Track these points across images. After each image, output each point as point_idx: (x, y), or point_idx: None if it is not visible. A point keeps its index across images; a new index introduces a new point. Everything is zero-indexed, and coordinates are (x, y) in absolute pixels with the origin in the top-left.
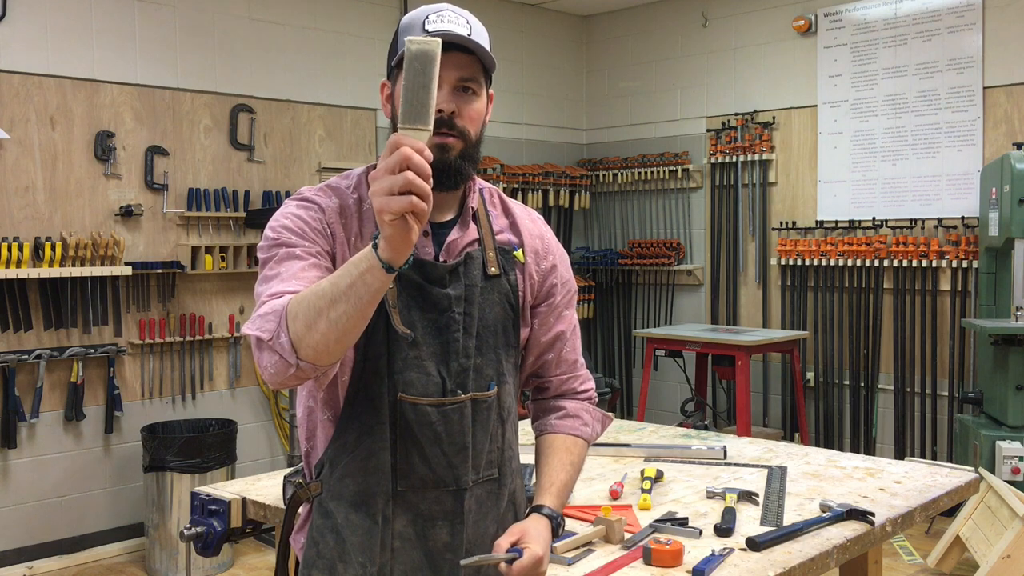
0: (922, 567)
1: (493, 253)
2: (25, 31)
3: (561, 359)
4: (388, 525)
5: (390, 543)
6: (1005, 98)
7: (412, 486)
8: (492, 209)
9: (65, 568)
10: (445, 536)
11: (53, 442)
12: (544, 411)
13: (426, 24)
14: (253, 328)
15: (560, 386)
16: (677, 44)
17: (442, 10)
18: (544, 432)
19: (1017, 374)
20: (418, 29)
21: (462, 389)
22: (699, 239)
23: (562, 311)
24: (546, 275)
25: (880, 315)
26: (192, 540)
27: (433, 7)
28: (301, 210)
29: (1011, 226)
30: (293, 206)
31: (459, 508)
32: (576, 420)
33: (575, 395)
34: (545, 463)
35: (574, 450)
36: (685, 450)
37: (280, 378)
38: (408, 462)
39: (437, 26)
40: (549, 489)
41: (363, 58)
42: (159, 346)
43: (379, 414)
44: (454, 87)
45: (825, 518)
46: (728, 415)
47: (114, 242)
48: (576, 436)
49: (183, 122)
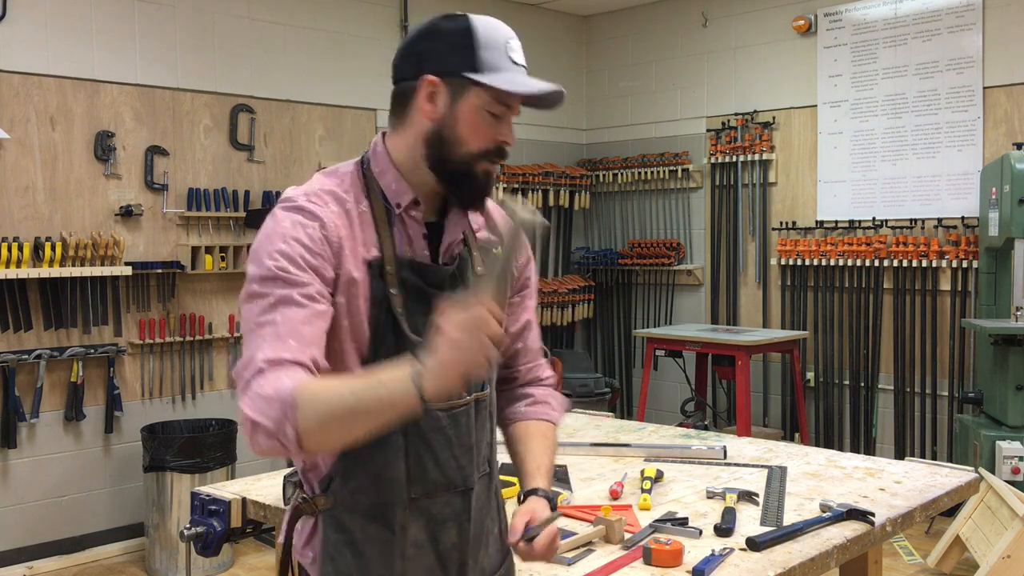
0: (922, 567)
1: (477, 252)
2: (25, 31)
3: (527, 348)
4: (404, 534)
5: (406, 552)
6: (1005, 98)
7: (426, 492)
8: None
9: (65, 568)
10: (454, 536)
11: (53, 442)
12: (512, 400)
13: (509, 52)
14: (253, 411)
15: (527, 375)
16: (677, 44)
17: (514, 38)
18: (516, 420)
19: (1017, 374)
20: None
21: (467, 391)
22: (699, 239)
23: (527, 301)
24: (521, 270)
25: (880, 315)
26: (192, 540)
27: (505, 30)
28: (299, 229)
29: (1011, 226)
30: (288, 223)
31: (467, 507)
32: (545, 406)
33: (540, 382)
34: (526, 448)
35: (549, 435)
36: (685, 450)
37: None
38: (422, 468)
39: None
40: (538, 472)
41: (363, 58)
42: (159, 346)
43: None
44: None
45: (825, 518)
46: (728, 415)
47: (114, 242)
48: (548, 421)
49: (183, 122)
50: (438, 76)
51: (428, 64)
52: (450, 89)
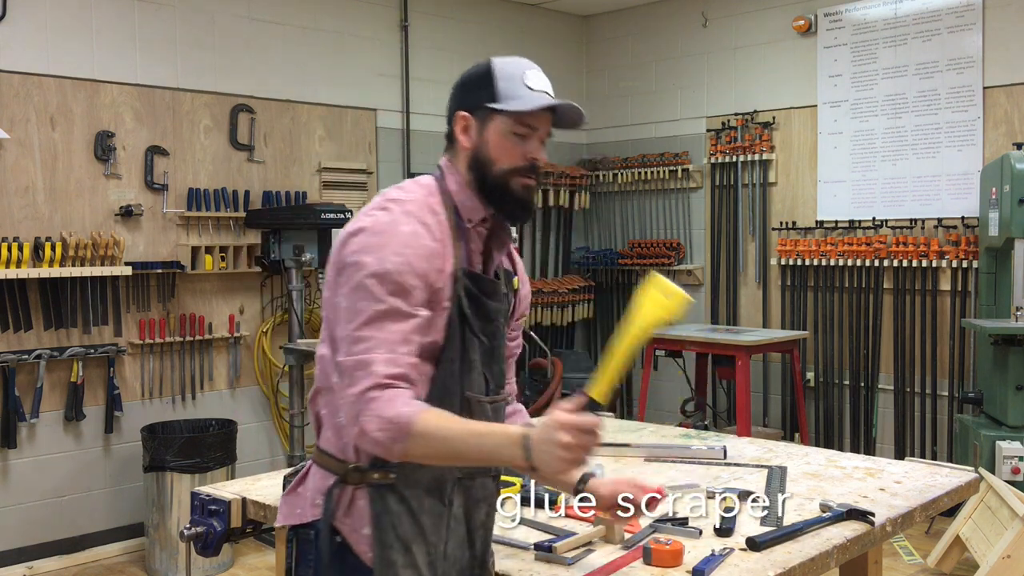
0: (922, 567)
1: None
2: (25, 31)
3: (511, 359)
4: (450, 507)
5: (451, 524)
6: (1005, 98)
7: (469, 473)
8: None
9: (65, 568)
10: (483, 515)
11: (53, 442)
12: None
13: (525, 80)
14: (374, 428)
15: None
16: (677, 44)
17: (533, 68)
18: None
19: (1017, 374)
20: (520, 83)
21: (500, 389)
22: (699, 239)
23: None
24: (523, 298)
25: (880, 315)
26: (192, 540)
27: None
28: (417, 238)
29: (1011, 226)
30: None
31: (495, 491)
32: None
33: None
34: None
35: None
36: (685, 450)
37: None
38: None
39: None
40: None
41: (363, 58)
42: (159, 346)
43: (453, 409)
44: (542, 140)
45: (825, 518)
46: (728, 415)
47: (114, 242)
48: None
49: (183, 122)
50: (467, 111)
51: (461, 103)
52: (478, 120)
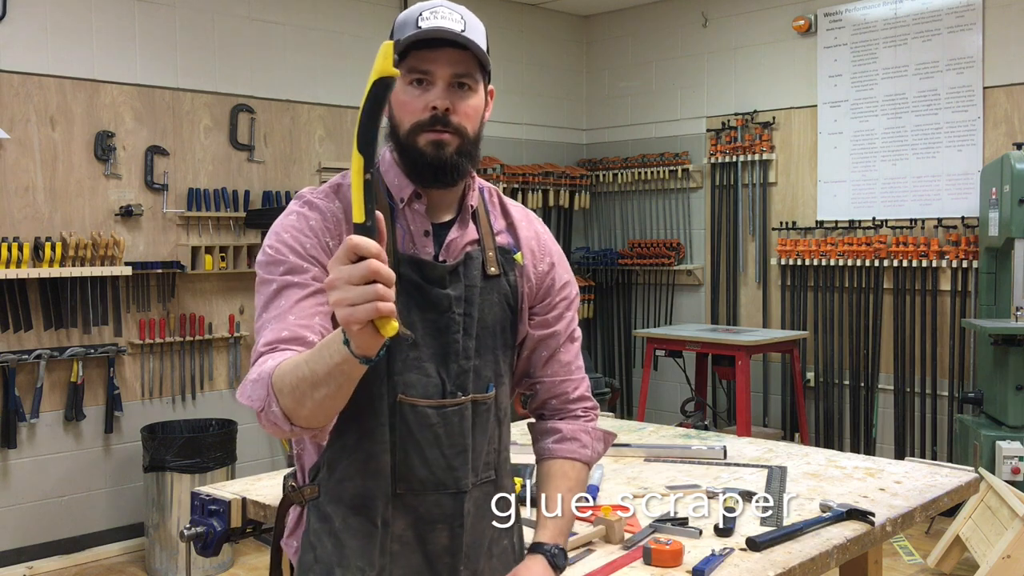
0: (922, 567)
1: (493, 253)
2: (25, 31)
3: (553, 359)
4: (387, 529)
5: (389, 547)
6: (1005, 98)
7: (412, 489)
8: (492, 208)
9: (65, 568)
10: (444, 539)
11: (53, 442)
12: (541, 434)
13: (420, 21)
14: (245, 397)
15: (552, 388)
16: (677, 44)
17: (436, 6)
18: (543, 457)
19: (1017, 374)
20: (412, 26)
21: (462, 391)
22: (699, 239)
23: (562, 312)
24: (544, 275)
25: (880, 315)
26: (192, 540)
27: (427, 4)
28: (302, 220)
29: (1011, 226)
30: (294, 215)
31: (459, 511)
32: (574, 443)
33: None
34: (543, 493)
35: (571, 474)
36: (685, 450)
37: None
38: (408, 464)
39: (430, 23)
40: (545, 526)
41: (363, 58)
42: (159, 346)
43: (378, 416)
44: (449, 83)
45: (825, 518)
46: (728, 415)
47: (114, 242)
48: (574, 460)
49: (183, 122)
50: None
51: None
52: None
